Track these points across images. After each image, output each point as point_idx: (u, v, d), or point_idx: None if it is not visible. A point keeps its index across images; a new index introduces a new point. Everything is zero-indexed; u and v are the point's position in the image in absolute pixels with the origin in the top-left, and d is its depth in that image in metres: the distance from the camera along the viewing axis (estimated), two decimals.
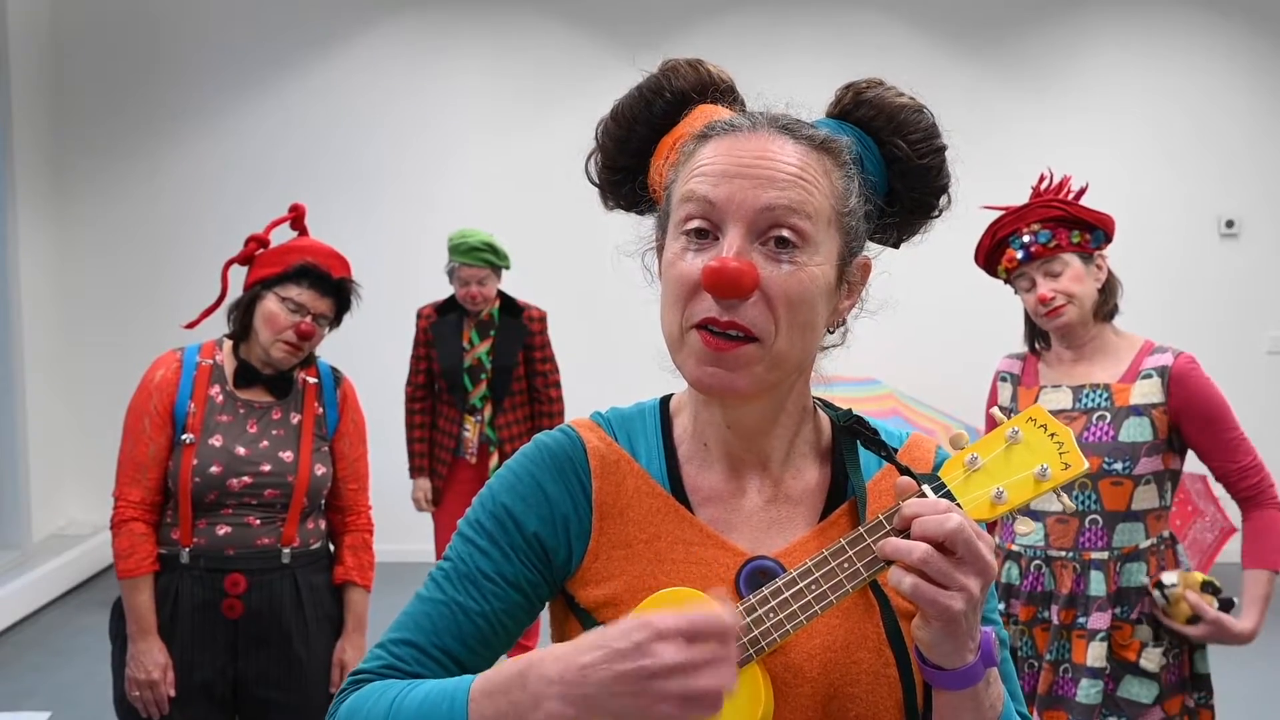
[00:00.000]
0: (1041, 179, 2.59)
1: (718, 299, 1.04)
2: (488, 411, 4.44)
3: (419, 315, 4.56)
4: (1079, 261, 2.49)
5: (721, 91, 1.19)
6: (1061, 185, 2.56)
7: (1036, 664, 2.52)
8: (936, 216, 1.19)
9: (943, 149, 1.15)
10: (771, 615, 0.99)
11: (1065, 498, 1.07)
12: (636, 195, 1.21)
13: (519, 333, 4.48)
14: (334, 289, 2.60)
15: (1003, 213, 2.56)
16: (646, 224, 1.20)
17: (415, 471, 4.54)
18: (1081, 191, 2.55)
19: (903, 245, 1.21)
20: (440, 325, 4.48)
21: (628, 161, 1.19)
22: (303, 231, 2.74)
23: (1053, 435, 1.05)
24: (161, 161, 6.74)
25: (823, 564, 1.00)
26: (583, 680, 0.90)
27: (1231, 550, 5.86)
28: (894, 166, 1.14)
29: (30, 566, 5.90)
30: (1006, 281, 2.59)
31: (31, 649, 5.25)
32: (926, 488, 1.03)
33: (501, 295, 4.50)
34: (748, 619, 0.99)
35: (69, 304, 6.71)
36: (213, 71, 6.70)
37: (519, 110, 6.61)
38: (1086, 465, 1.04)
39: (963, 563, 0.96)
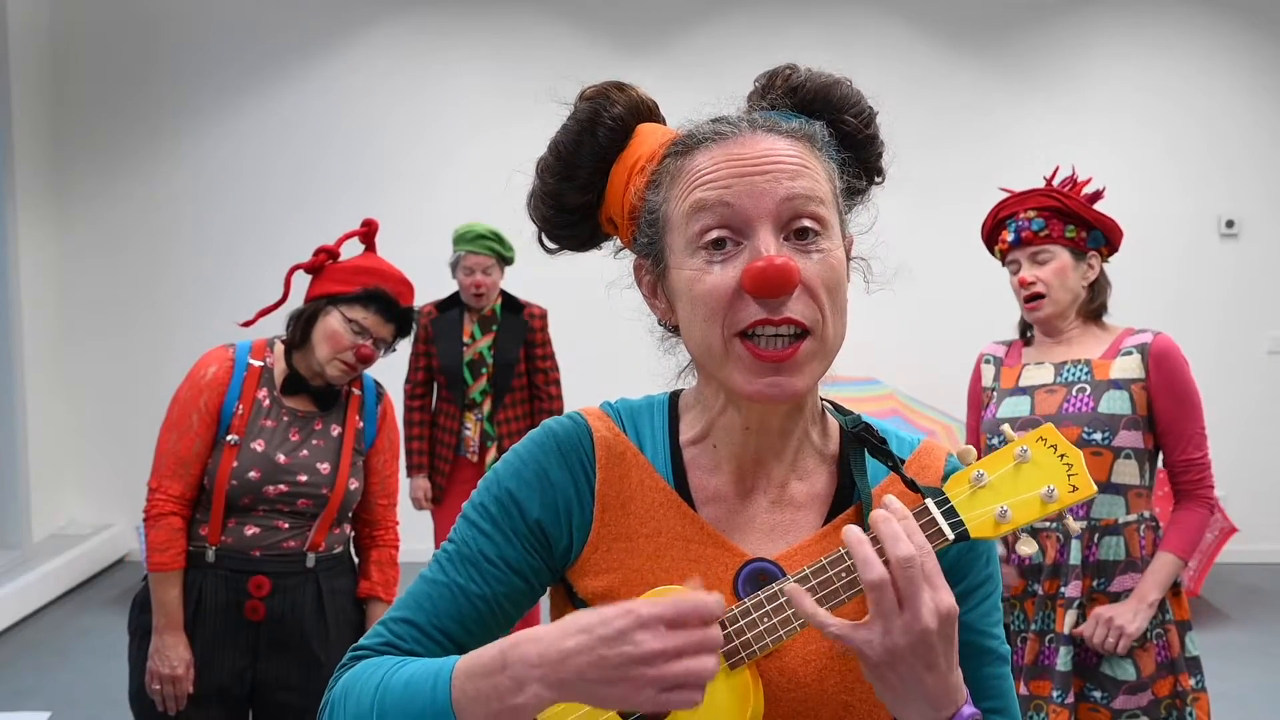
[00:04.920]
0: (1056, 171, 2.63)
1: (766, 299, 1.02)
2: (487, 406, 4.45)
3: (419, 313, 4.56)
4: (1068, 256, 2.52)
5: (652, 112, 1.18)
6: (1074, 184, 2.58)
7: (1026, 635, 2.55)
8: (880, 183, 1.19)
9: (876, 114, 1.17)
10: (765, 620, 0.98)
11: (1070, 520, 1.05)
12: (592, 234, 1.20)
13: (520, 329, 4.50)
14: (399, 316, 2.61)
15: (1008, 195, 2.61)
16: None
17: (414, 470, 4.53)
18: (1096, 196, 2.58)
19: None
20: (441, 322, 4.49)
21: (578, 199, 1.17)
22: (370, 247, 2.72)
23: (1062, 456, 1.03)
24: (162, 162, 6.73)
25: (820, 572, 0.99)
26: (564, 665, 0.90)
27: (1231, 550, 5.88)
28: (845, 142, 1.14)
29: (30, 566, 5.89)
30: (1002, 262, 2.64)
31: (31, 649, 5.24)
32: (930, 502, 1.01)
33: (503, 293, 4.52)
34: (741, 621, 0.99)
35: (69, 304, 6.71)
36: (213, 72, 6.69)
37: (520, 110, 6.58)
38: (1095, 490, 1.02)
39: (895, 607, 0.94)
